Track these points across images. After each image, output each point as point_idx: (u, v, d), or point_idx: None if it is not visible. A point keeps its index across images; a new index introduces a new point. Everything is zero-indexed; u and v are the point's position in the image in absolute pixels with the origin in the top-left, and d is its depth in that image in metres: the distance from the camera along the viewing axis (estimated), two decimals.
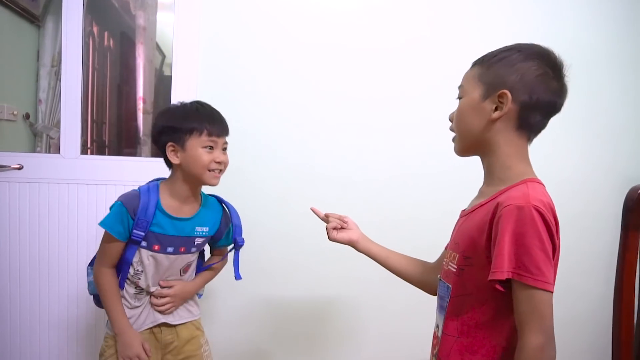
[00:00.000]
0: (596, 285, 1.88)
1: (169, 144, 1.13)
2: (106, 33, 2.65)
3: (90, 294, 1.26)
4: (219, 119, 1.18)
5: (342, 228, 1.13)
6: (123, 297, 1.18)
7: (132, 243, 1.14)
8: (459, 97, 0.88)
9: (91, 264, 1.23)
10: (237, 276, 1.29)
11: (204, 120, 1.13)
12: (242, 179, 1.67)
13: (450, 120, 0.91)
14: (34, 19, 1.95)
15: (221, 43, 1.66)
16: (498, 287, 0.74)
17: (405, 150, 1.74)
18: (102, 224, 1.13)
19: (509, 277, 0.72)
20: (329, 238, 1.12)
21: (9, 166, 1.56)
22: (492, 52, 0.85)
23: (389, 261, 1.09)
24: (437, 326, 0.89)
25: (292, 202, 1.70)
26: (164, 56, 2.89)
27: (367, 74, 1.71)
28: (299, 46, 1.68)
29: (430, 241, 1.70)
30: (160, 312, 1.20)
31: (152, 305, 1.20)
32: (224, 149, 1.18)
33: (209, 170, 1.14)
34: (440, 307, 0.89)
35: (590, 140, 1.84)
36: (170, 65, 3.12)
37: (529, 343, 0.71)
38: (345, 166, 1.72)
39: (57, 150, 1.97)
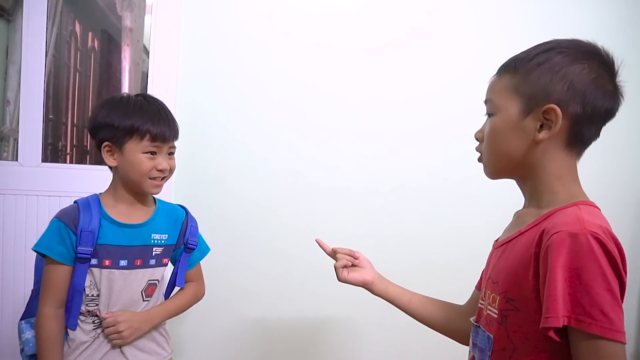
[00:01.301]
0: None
1: (105, 143, 0.98)
2: (90, 33, 2.54)
3: (27, 356, 1.01)
4: (166, 120, 1.01)
5: (353, 266, 0.96)
6: (73, 340, 0.99)
7: (79, 263, 0.96)
8: (489, 114, 0.73)
9: (24, 316, 1.04)
10: (179, 283, 1.11)
11: (147, 121, 0.97)
12: (226, 189, 1.52)
13: (478, 139, 0.77)
14: (3, 13, 1.80)
15: (203, 40, 1.51)
16: (553, 335, 0.58)
17: (406, 159, 1.60)
18: (36, 247, 0.96)
19: (565, 324, 0.57)
20: (339, 279, 0.94)
21: None
22: (525, 55, 0.69)
23: (412, 306, 0.93)
24: None
25: (281, 214, 1.55)
26: None
27: (365, 75, 1.57)
28: (290, 44, 1.53)
29: (433, 260, 1.61)
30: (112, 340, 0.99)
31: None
32: (171, 154, 1.03)
33: (150, 178, 0.99)
34: None
35: (607, 153, 1.68)
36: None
37: None
38: (340, 175, 1.57)
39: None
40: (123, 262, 0.99)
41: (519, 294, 0.65)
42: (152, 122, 0.97)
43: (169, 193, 1.47)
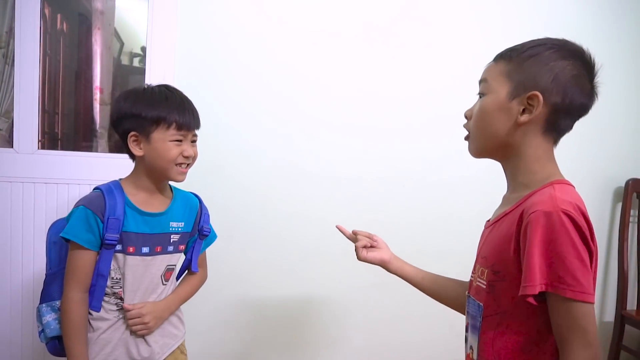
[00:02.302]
0: None
1: (132, 133, 1.01)
2: (59, 15, 2.44)
3: (47, 338, 1.04)
4: (190, 109, 1.05)
5: (372, 247, 1.05)
6: (96, 320, 1.03)
7: (105, 249, 0.99)
8: (480, 94, 0.81)
9: (43, 300, 1.06)
10: (194, 267, 1.18)
11: (174, 110, 1.01)
12: (225, 177, 1.56)
13: (466, 117, 0.84)
14: None
15: (200, 30, 1.53)
16: (531, 301, 0.68)
17: (398, 150, 1.70)
18: (65, 234, 0.98)
19: (542, 290, 0.67)
20: (359, 258, 1.03)
21: None
22: (520, 47, 0.78)
23: (425, 282, 1.01)
24: (471, 348, 0.82)
25: (277, 201, 1.61)
26: (122, 44, 2.68)
27: (361, 68, 1.64)
28: (287, 35, 1.58)
29: (421, 245, 1.69)
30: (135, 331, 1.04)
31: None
32: (193, 142, 1.07)
33: (176, 165, 1.03)
34: (472, 328, 0.82)
35: (574, 140, 1.83)
36: (130, 54, 2.92)
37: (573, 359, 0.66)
38: (333, 165, 1.65)
39: (7, 144, 1.75)
40: (145, 249, 1.04)
41: (503, 266, 0.74)
42: (178, 112, 1.01)
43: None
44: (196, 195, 1.20)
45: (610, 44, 1.88)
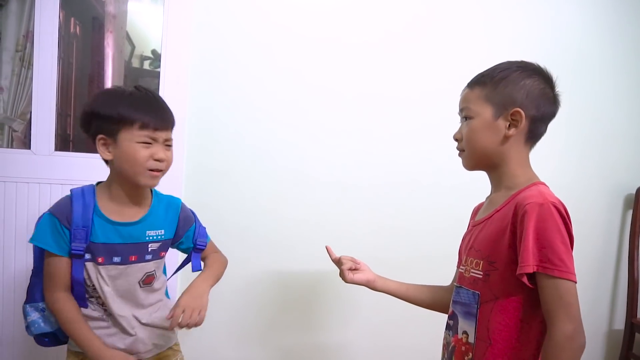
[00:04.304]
0: (588, 293, 1.95)
1: (100, 136, 0.95)
2: (72, 19, 2.47)
3: (33, 334, 1.03)
4: (157, 108, 0.98)
5: (355, 269, 1.14)
6: (86, 316, 1.00)
7: (75, 258, 0.96)
8: (466, 118, 0.92)
9: (28, 300, 1.04)
10: (197, 267, 1.12)
11: (138, 108, 0.94)
12: (236, 181, 1.58)
13: (456, 139, 0.96)
14: None
15: (214, 36, 1.55)
16: (525, 281, 0.78)
17: (407, 155, 1.71)
18: (33, 241, 0.96)
19: (535, 271, 0.77)
20: (346, 280, 1.12)
21: None
22: (490, 72, 0.90)
23: (409, 294, 1.12)
24: (465, 333, 0.90)
25: (287, 207, 1.62)
26: (133, 47, 2.71)
27: (370, 74, 1.66)
28: (297, 42, 1.60)
29: (430, 250, 1.71)
30: (191, 326, 0.96)
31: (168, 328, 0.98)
32: (168, 145, 0.99)
33: (149, 170, 0.95)
34: (466, 314, 0.91)
35: (583, 147, 1.89)
36: (140, 57, 2.95)
37: (558, 331, 0.76)
38: (341, 170, 1.66)
39: (22, 145, 1.77)
40: (116, 259, 0.99)
41: (498, 256, 0.85)
42: (144, 111, 0.94)
43: (180, 184, 1.52)
44: (177, 199, 1.12)
45: (616, 49, 1.89)
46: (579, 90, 1.84)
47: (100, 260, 0.97)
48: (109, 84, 2.34)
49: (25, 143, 1.80)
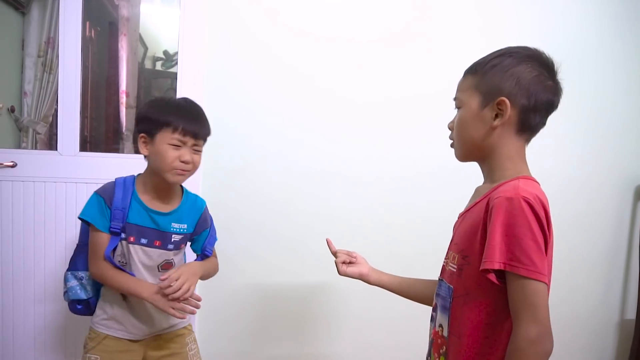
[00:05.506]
0: (599, 284, 1.97)
1: (141, 134, 1.11)
2: (87, 23, 2.53)
3: (69, 299, 1.18)
4: (198, 119, 1.13)
5: (351, 262, 1.14)
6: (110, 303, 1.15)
7: (113, 235, 1.11)
8: (457, 107, 0.89)
9: (71, 268, 1.18)
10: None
11: (181, 117, 1.09)
12: (250, 179, 1.63)
13: (450, 129, 0.92)
14: (19, 6, 1.82)
15: (229, 39, 1.60)
16: (492, 278, 0.74)
17: (414, 150, 1.75)
18: (82, 215, 1.10)
19: (501, 269, 0.73)
20: (340, 272, 1.12)
21: (2, 164, 1.45)
22: (483, 59, 0.85)
23: (402, 287, 1.11)
24: (441, 326, 0.88)
25: (299, 203, 1.67)
26: (146, 48, 2.77)
27: (379, 71, 1.70)
28: (308, 44, 1.65)
29: (440, 243, 1.72)
30: (179, 298, 1.07)
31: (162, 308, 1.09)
32: (197, 151, 1.13)
33: (175, 169, 1.10)
34: (442, 308, 0.89)
35: (593, 139, 1.92)
36: (152, 58, 3.01)
37: (521, 334, 0.71)
38: (354, 167, 1.70)
39: (45, 146, 1.85)
40: (143, 240, 1.14)
41: (471, 251, 0.81)
42: (185, 119, 1.09)
43: (198, 181, 1.57)
44: (203, 201, 1.26)
45: (625, 39, 1.90)
46: (588, 81, 1.86)
47: (131, 239, 1.12)
48: (123, 85, 2.39)
49: (48, 144, 1.87)
